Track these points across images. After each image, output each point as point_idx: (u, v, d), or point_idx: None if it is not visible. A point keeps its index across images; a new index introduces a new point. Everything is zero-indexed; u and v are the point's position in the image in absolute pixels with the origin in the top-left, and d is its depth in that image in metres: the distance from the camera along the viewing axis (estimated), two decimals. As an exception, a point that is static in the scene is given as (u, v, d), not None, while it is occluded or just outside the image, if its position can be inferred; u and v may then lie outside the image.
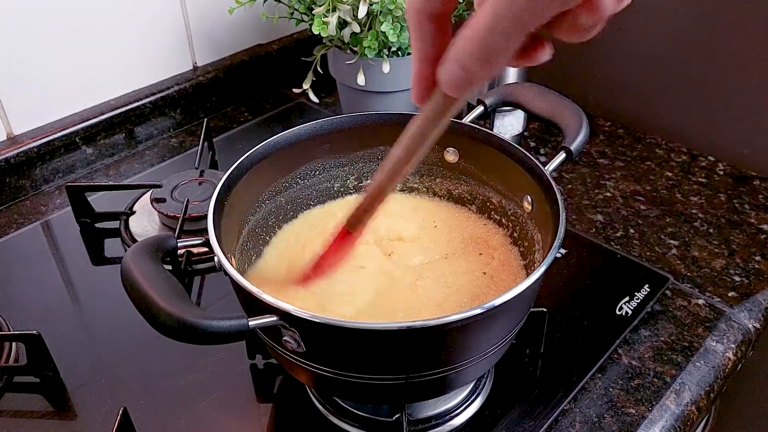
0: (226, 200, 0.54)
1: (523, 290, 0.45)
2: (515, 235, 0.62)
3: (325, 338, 0.45)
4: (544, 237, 0.55)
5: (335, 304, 0.54)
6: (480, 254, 0.62)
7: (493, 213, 0.64)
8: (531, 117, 0.64)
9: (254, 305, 0.45)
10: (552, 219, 0.52)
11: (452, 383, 0.52)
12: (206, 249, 0.52)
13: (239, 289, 0.47)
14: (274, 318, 0.44)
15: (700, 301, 0.69)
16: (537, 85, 0.64)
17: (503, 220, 0.63)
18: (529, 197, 0.58)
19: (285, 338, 0.45)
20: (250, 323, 0.42)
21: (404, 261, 0.60)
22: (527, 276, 0.58)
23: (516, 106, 0.64)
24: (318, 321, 0.43)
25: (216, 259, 0.48)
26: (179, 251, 0.71)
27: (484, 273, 0.59)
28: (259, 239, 0.61)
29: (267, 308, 0.44)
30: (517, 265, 0.60)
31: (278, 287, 0.57)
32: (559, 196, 0.52)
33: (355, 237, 0.51)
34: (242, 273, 0.58)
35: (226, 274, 0.47)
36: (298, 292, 0.55)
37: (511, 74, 0.88)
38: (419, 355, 0.47)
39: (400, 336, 0.44)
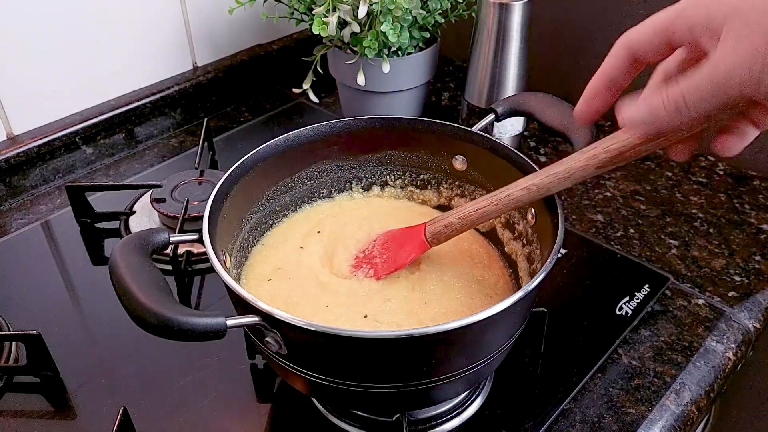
0: (225, 198, 0.54)
1: (519, 298, 0.45)
2: (520, 248, 0.62)
3: (304, 342, 0.45)
4: (543, 250, 0.55)
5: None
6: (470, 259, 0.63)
7: (500, 221, 0.64)
8: (541, 127, 0.63)
9: (240, 304, 0.45)
10: (552, 231, 0.52)
11: (447, 392, 0.52)
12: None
13: (226, 287, 0.47)
14: (255, 318, 0.43)
15: (700, 301, 0.69)
16: (548, 95, 0.63)
17: (507, 231, 0.63)
18: (532, 210, 0.58)
19: (267, 339, 0.45)
20: (229, 322, 0.42)
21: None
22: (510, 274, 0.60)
23: (527, 115, 0.63)
24: (296, 324, 0.43)
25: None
26: (179, 251, 0.71)
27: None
28: (260, 237, 0.61)
29: (249, 308, 0.44)
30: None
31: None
32: (560, 211, 0.52)
33: (427, 248, 0.57)
34: (239, 270, 0.58)
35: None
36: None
37: (511, 79, 0.88)
38: (404, 364, 0.46)
39: (375, 344, 0.44)
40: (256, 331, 0.46)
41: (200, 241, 0.50)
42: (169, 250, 0.71)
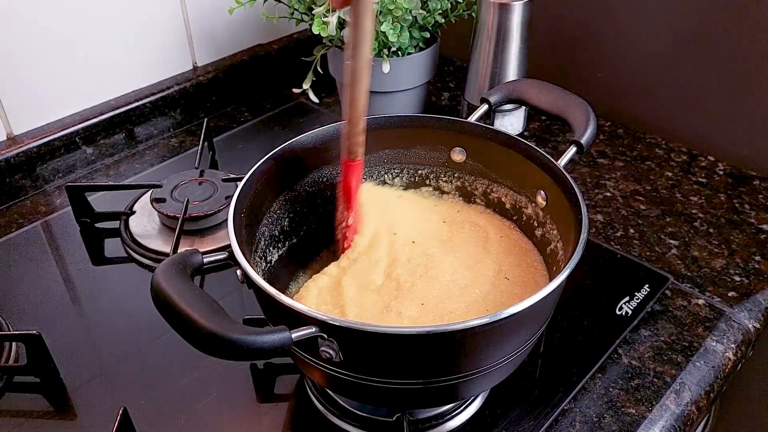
0: (242, 214, 0.54)
1: (552, 291, 0.46)
2: (531, 231, 0.62)
3: (363, 346, 0.45)
4: (561, 229, 0.55)
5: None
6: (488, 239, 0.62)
7: (506, 208, 0.64)
8: (536, 112, 0.64)
9: (284, 316, 0.45)
10: (571, 212, 0.52)
11: (478, 386, 0.53)
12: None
13: (269, 301, 0.46)
14: (313, 329, 0.43)
15: (700, 301, 0.69)
16: (540, 81, 0.64)
17: (516, 216, 0.63)
18: (542, 192, 0.58)
19: (322, 349, 0.44)
20: (293, 335, 0.41)
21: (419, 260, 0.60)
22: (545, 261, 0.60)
23: (520, 102, 0.64)
24: (356, 328, 0.42)
25: (239, 272, 0.48)
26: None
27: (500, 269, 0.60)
28: (275, 249, 0.61)
29: (304, 319, 0.43)
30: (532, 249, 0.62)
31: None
32: (577, 190, 0.53)
33: (360, 162, 0.58)
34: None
35: (251, 286, 0.47)
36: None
37: (511, 74, 0.88)
38: (453, 357, 0.46)
39: (445, 338, 0.44)
40: (308, 344, 0.44)
41: (231, 259, 0.49)
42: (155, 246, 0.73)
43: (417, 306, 0.54)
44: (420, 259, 0.58)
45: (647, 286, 0.70)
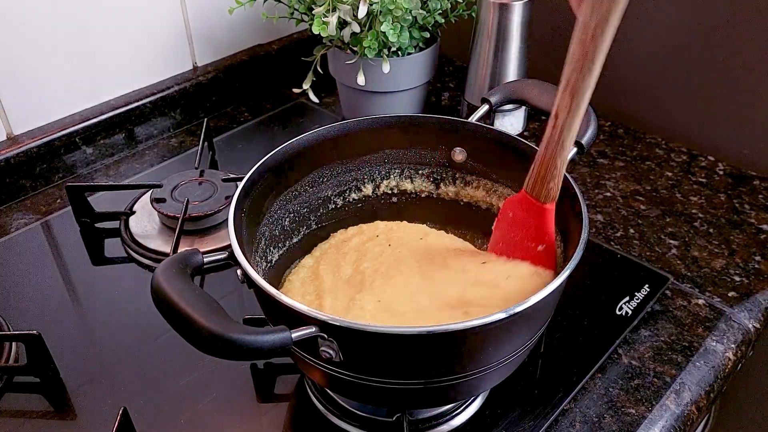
0: (242, 214, 0.54)
1: (552, 291, 0.46)
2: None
3: (363, 346, 0.45)
4: (562, 229, 0.55)
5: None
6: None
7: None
8: (537, 112, 0.64)
9: (285, 316, 0.45)
10: (572, 212, 0.53)
11: (478, 386, 0.53)
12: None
13: (269, 301, 0.46)
14: (313, 329, 0.43)
15: (700, 301, 0.69)
16: (540, 81, 0.64)
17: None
18: None
19: (322, 349, 0.44)
20: (293, 335, 0.41)
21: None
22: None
23: (521, 103, 0.64)
24: (356, 328, 0.42)
25: (239, 272, 0.48)
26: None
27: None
28: (275, 249, 0.61)
29: (304, 319, 0.43)
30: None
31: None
32: (577, 190, 0.53)
33: (550, 208, 0.53)
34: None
35: (252, 286, 0.47)
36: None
37: (511, 78, 0.88)
38: (454, 357, 0.46)
39: (445, 339, 0.44)
40: (308, 344, 0.44)
41: (231, 259, 0.49)
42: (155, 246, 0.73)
43: (374, 302, 0.54)
44: (384, 258, 0.59)
45: (647, 286, 0.70)
